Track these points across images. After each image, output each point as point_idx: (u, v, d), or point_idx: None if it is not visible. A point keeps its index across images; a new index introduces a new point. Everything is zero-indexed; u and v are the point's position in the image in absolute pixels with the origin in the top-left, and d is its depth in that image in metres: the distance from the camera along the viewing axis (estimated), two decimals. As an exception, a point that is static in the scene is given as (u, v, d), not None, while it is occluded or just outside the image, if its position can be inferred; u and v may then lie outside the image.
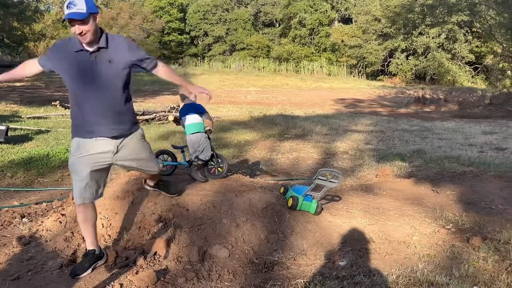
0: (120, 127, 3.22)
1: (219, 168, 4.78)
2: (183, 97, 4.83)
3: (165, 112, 12.77)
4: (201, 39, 69.17)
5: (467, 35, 40.27)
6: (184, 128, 4.79)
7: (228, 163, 4.87)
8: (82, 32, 2.98)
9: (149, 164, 3.52)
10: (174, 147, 5.07)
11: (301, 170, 7.61)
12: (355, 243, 3.98)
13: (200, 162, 4.63)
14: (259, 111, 16.02)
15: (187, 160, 4.87)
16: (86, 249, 3.40)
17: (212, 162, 4.79)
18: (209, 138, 4.84)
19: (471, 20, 28.07)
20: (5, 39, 42.00)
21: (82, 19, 2.94)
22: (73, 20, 2.96)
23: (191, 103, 4.79)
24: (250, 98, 24.10)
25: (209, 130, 4.81)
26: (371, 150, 9.31)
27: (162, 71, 3.42)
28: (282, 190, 4.52)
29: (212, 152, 4.76)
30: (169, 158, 4.89)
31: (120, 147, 3.24)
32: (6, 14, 23.93)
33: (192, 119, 4.71)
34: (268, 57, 57.41)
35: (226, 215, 3.96)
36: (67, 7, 2.98)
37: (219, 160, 4.82)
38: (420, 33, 41.15)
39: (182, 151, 5.19)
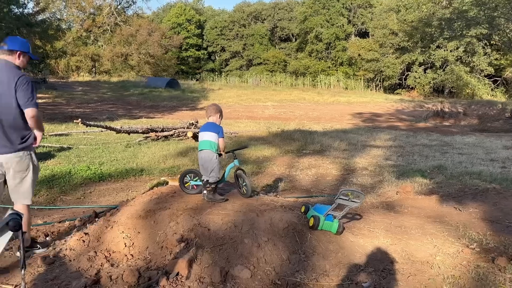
0: None
1: (243, 189, 4.83)
2: (208, 114, 4.87)
3: (184, 128, 12.85)
4: (218, 55, 69.98)
5: (486, 48, 40.03)
6: None
7: (250, 186, 4.84)
8: None
9: None
10: None
11: (321, 187, 7.58)
12: (378, 264, 3.93)
13: (212, 186, 4.64)
14: (277, 126, 16.05)
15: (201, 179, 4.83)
16: None
17: (241, 181, 4.83)
18: (234, 157, 4.88)
19: (490, 33, 27.83)
20: (27, 57, 42.81)
21: None
22: None
23: (210, 122, 4.82)
24: (267, 113, 24.17)
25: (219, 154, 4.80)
26: (390, 166, 9.24)
27: None
28: (303, 209, 4.50)
29: (223, 176, 4.78)
30: (196, 177, 4.90)
31: None
32: (29, 33, 24.48)
33: (203, 136, 4.74)
34: (284, 72, 57.75)
35: (248, 235, 3.96)
36: None
37: (241, 180, 4.84)
38: (438, 47, 41.02)
39: None
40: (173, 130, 12.72)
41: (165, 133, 12.50)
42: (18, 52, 4.07)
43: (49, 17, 36.02)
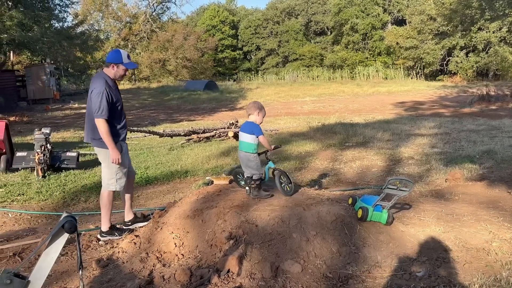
0: None
1: (287, 187, 4.72)
2: (248, 112, 4.88)
3: (224, 128, 12.95)
4: (254, 54, 69.99)
5: (531, 26, 38.27)
6: None
7: (293, 184, 4.81)
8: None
9: None
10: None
11: (366, 179, 7.48)
12: (431, 252, 3.84)
13: (257, 182, 4.63)
14: (317, 121, 15.93)
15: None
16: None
17: (281, 180, 4.69)
18: (267, 160, 4.87)
19: (534, 10, 26.61)
20: (69, 69, 44.42)
21: None
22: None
23: (247, 121, 4.82)
24: (306, 108, 24.00)
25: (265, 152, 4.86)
26: (437, 153, 9.02)
27: None
28: (350, 201, 4.45)
29: (261, 173, 4.73)
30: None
31: None
32: (70, 46, 25.27)
33: (241, 136, 4.79)
34: (321, 66, 57.17)
35: (296, 229, 3.95)
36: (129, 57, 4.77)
37: (285, 179, 4.75)
38: (480, 29, 39.57)
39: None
40: (214, 131, 12.84)
41: (207, 134, 12.64)
42: (112, 64, 4.65)
43: (88, 29, 37.17)
